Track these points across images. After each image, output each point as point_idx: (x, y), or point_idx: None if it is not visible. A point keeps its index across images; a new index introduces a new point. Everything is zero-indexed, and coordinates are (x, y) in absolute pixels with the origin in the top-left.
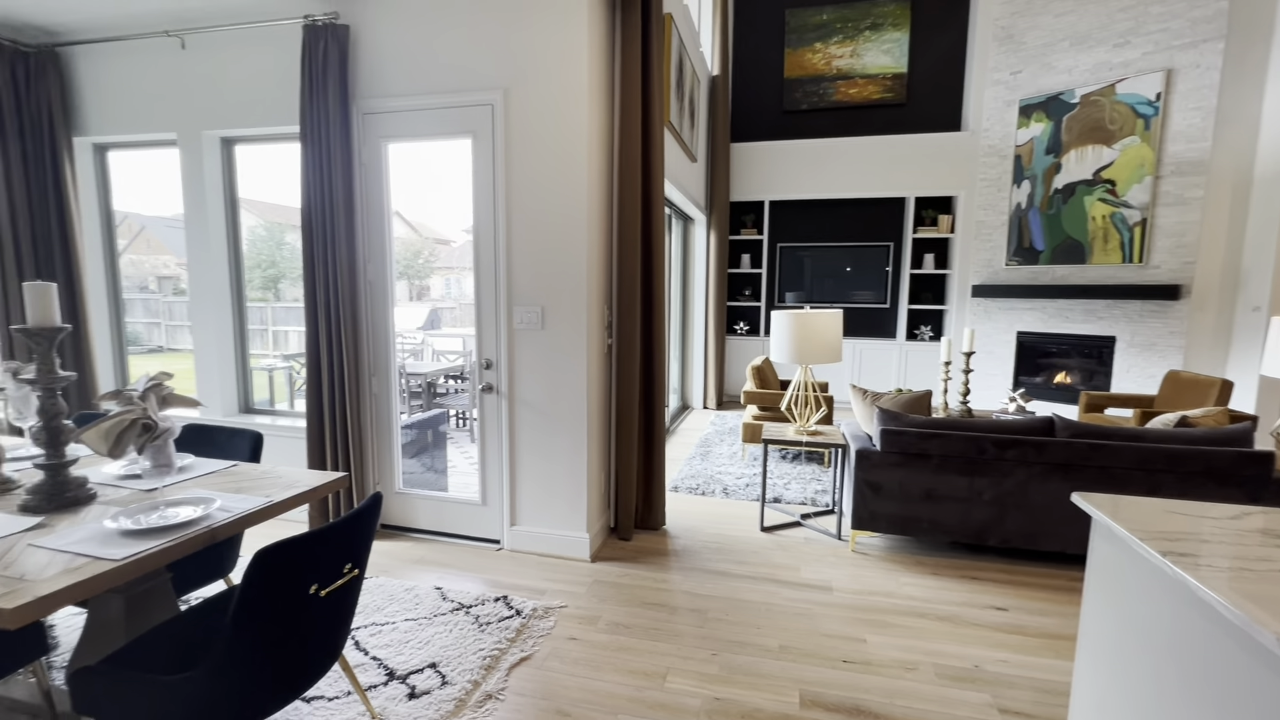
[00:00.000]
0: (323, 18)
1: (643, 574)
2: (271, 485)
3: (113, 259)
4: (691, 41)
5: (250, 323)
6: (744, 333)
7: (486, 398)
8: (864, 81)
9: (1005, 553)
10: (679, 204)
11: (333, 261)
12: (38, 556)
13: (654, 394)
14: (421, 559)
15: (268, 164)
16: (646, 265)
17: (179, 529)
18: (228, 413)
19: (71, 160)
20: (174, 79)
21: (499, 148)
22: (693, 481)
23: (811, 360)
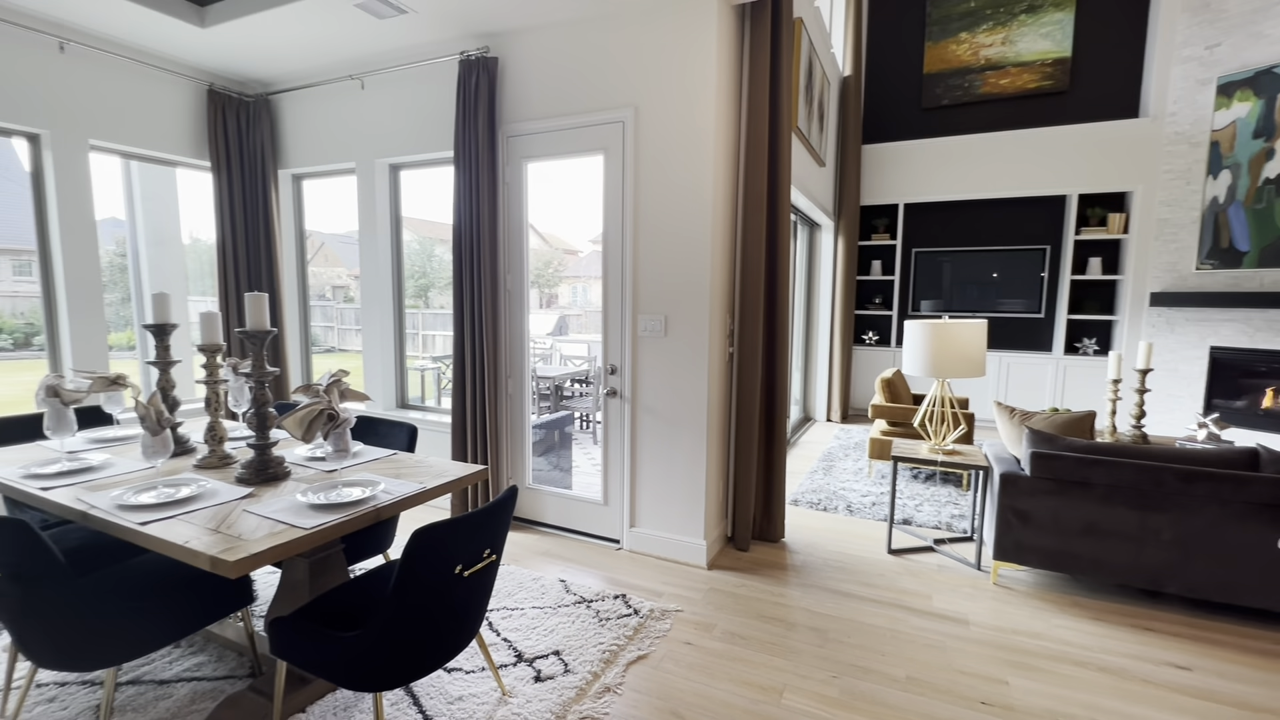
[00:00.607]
0: (475, 52)
1: (760, 586)
2: (424, 473)
3: (303, 272)
4: (822, 43)
5: (406, 328)
6: (873, 343)
7: (611, 402)
8: (1017, 70)
9: (1190, 603)
10: (805, 210)
11: (478, 273)
12: (249, 521)
13: (775, 404)
14: (547, 552)
15: (421, 185)
16: (771, 274)
17: (352, 506)
18: (388, 407)
19: (276, 189)
20: (354, 116)
21: (628, 162)
22: (814, 496)
23: (949, 374)
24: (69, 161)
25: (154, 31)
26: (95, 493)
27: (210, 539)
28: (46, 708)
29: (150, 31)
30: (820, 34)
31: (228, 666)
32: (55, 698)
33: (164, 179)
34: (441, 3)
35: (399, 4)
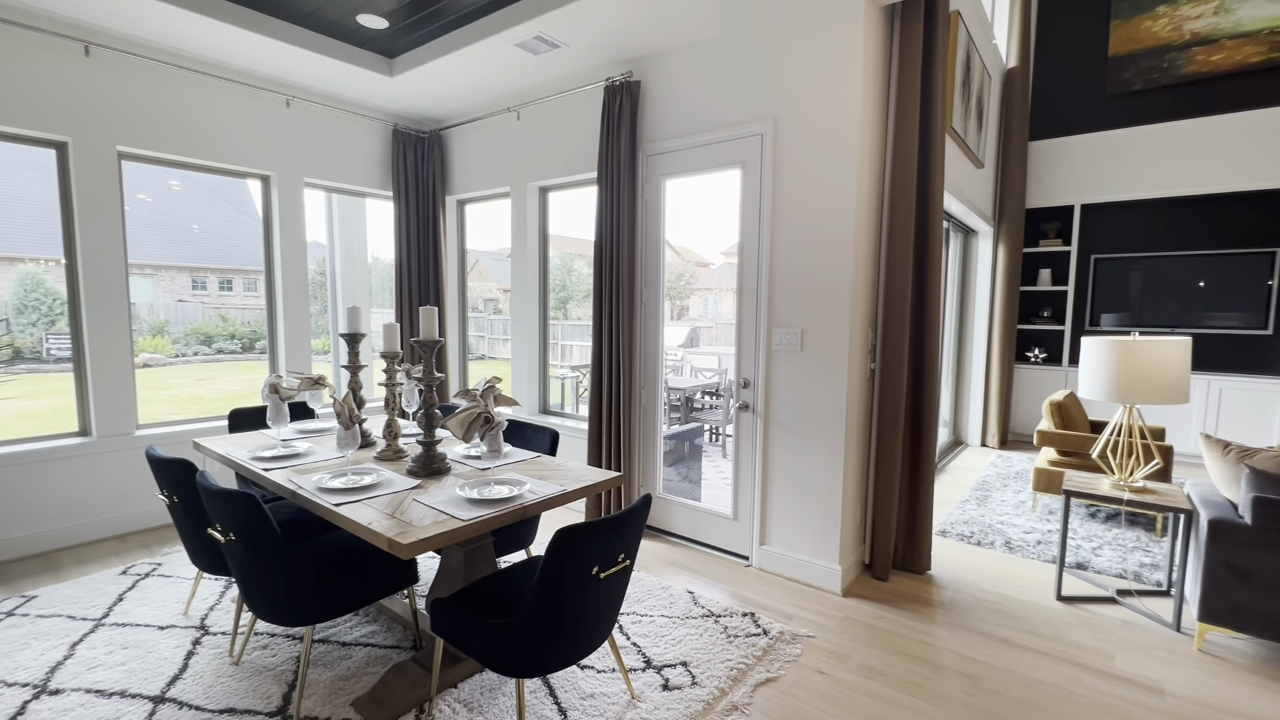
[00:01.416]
0: (620, 77)
1: (901, 620)
2: (564, 476)
3: (463, 287)
4: (982, 35)
5: (551, 338)
6: (1039, 361)
7: (742, 415)
8: (1236, 43)
9: None
10: (958, 216)
11: (616, 286)
12: (418, 509)
13: (922, 425)
14: (676, 562)
15: (563, 203)
16: (919, 285)
17: (502, 503)
18: (532, 412)
19: (444, 214)
20: (509, 144)
21: (766, 175)
22: (965, 528)
23: (1140, 399)
24: (289, 197)
25: (355, 84)
26: (302, 475)
27: (387, 523)
28: (261, 653)
29: (352, 84)
30: (980, 25)
31: (395, 637)
32: (267, 645)
33: (355, 207)
34: (591, 35)
35: (553, 40)
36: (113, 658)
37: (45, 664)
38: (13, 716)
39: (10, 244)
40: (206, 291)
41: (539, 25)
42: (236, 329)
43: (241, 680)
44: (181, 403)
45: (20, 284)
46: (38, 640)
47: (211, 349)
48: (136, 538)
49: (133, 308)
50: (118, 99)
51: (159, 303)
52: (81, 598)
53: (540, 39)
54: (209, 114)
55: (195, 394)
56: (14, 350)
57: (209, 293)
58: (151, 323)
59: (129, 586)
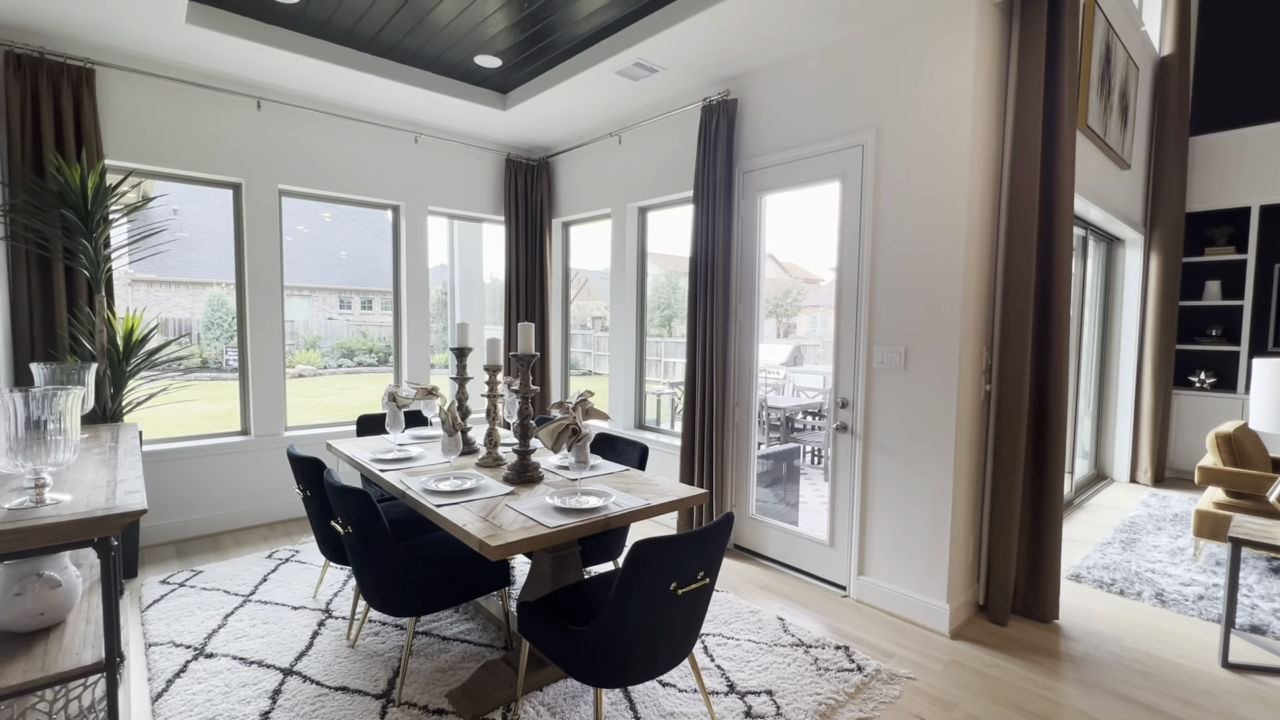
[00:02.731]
0: (716, 97)
1: (1019, 671)
2: (651, 491)
3: (565, 305)
4: (1126, 23)
5: (648, 355)
6: (1206, 386)
7: (840, 437)
8: None
9: None
10: (1098, 223)
11: (710, 303)
12: (509, 514)
13: (1048, 454)
14: (767, 586)
15: (669, 221)
16: (1044, 301)
17: (587, 513)
18: (627, 426)
19: (550, 235)
20: (611, 167)
21: (867, 186)
22: (1106, 574)
23: None
24: (414, 225)
25: (472, 119)
26: (412, 477)
27: (480, 525)
28: (373, 639)
29: (470, 119)
30: (1125, 11)
31: (489, 636)
32: (379, 633)
33: (473, 232)
34: (687, 58)
35: (651, 65)
36: (255, 630)
37: (204, 630)
38: (177, 672)
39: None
40: (351, 310)
41: (638, 53)
42: (374, 344)
43: (355, 662)
44: (326, 409)
45: (209, 304)
46: (201, 609)
47: (353, 361)
48: (281, 526)
49: (290, 325)
50: (280, 144)
51: (312, 320)
52: (235, 575)
53: (640, 65)
54: (349, 153)
55: (338, 401)
56: (202, 360)
57: (353, 311)
58: (306, 338)
59: (273, 569)
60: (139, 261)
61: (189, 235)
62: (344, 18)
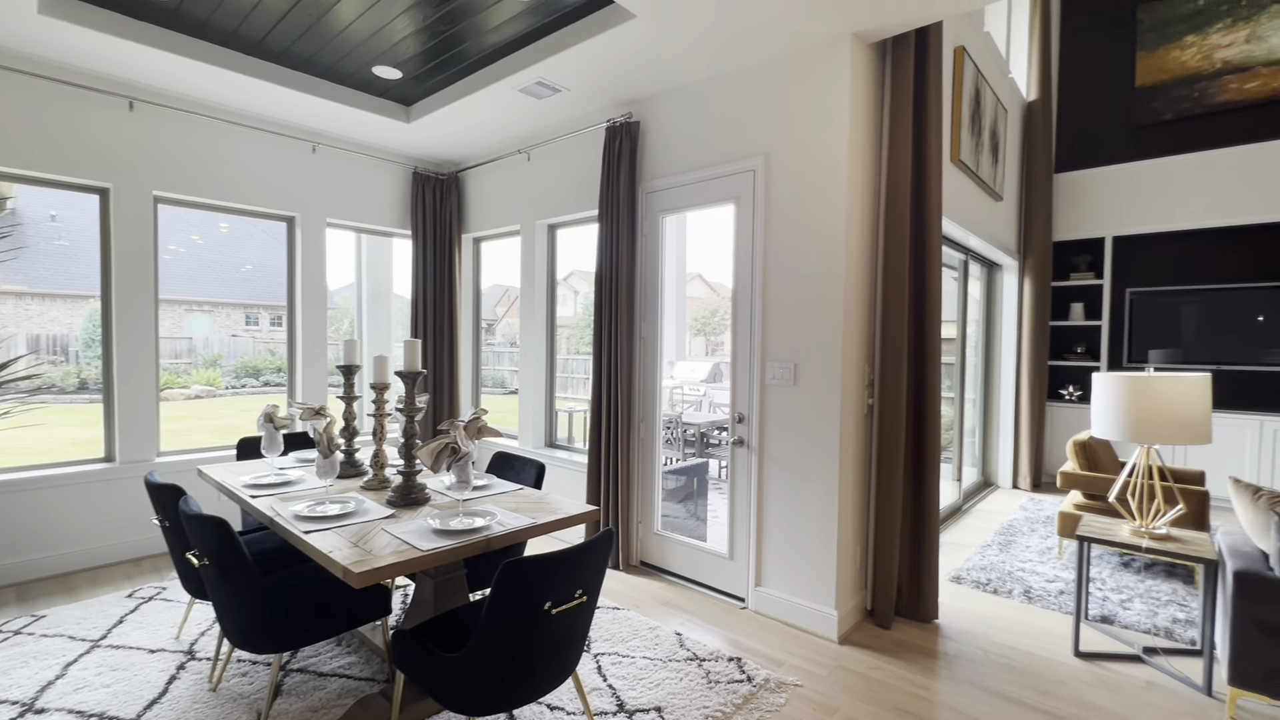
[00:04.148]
0: (620, 118)
1: (899, 672)
2: (542, 509)
3: (477, 321)
4: (995, 70)
5: (570, 372)
6: (1073, 399)
7: (738, 451)
8: (1271, 70)
9: None
10: (978, 250)
11: (615, 322)
12: (383, 539)
13: (925, 464)
14: (669, 601)
15: (589, 238)
16: (918, 319)
17: (466, 534)
18: (537, 445)
19: (460, 251)
20: (520, 184)
21: (759, 210)
22: (983, 575)
23: (1156, 439)
24: (312, 237)
25: (375, 130)
26: (286, 503)
27: (349, 552)
28: (239, 680)
29: (373, 130)
30: (992, 60)
31: (371, 669)
32: (247, 673)
33: (382, 247)
34: (589, 80)
35: (554, 84)
36: (100, 679)
37: (37, 683)
38: None
39: (84, 283)
40: (258, 327)
41: (539, 72)
42: (283, 363)
43: (215, 707)
44: (223, 432)
45: (89, 319)
46: (36, 659)
47: (259, 381)
48: (150, 561)
49: (188, 342)
50: (157, 148)
51: (214, 337)
52: (85, 619)
53: (542, 84)
54: (239, 160)
55: (238, 424)
56: (80, 380)
57: (260, 328)
58: (206, 356)
59: (131, 610)
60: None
61: (69, 244)
62: (225, 19)
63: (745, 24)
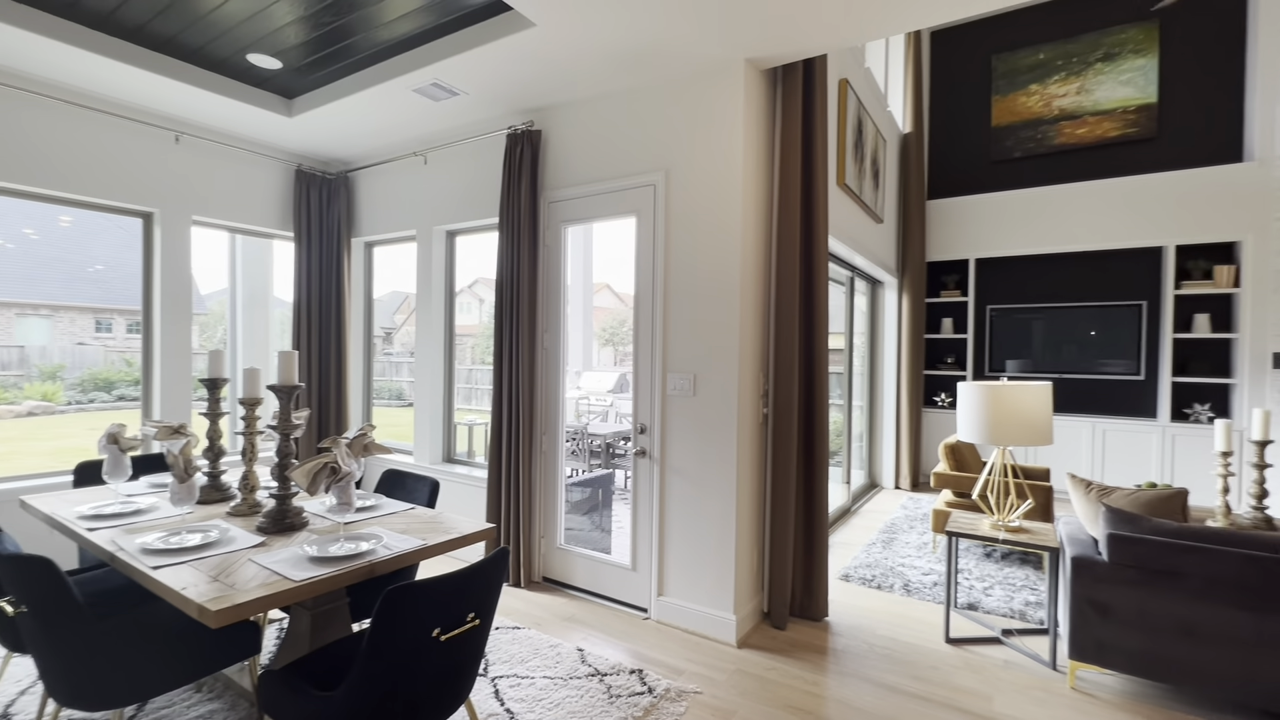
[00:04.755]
0: (521, 126)
1: (793, 671)
2: (433, 530)
3: (369, 331)
4: (875, 103)
5: (475, 383)
6: (945, 405)
7: (640, 462)
8: (1096, 119)
9: None
10: (862, 267)
11: (516, 332)
12: (250, 570)
13: (815, 469)
14: (572, 617)
15: (492, 245)
16: (807, 332)
17: (347, 560)
18: (434, 461)
19: (349, 256)
20: (416, 188)
21: (659, 224)
22: (868, 572)
23: (1009, 441)
24: (174, 235)
25: (251, 122)
26: (132, 535)
27: (207, 587)
28: None
29: (248, 123)
30: (872, 94)
31: (239, 715)
32: None
33: (261, 249)
34: (489, 85)
35: (451, 87)
36: None
37: None
38: None
39: None
40: (112, 334)
41: (435, 73)
42: (119, 374)
43: None
44: (62, 455)
45: None
46: None
47: (112, 395)
48: None
49: (20, 351)
50: None
51: (55, 346)
52: None
53: (439, 86)
54: (81, 147)
55: (84, 444)
56: None
57: (114, 335)
58: (43, 367)
59: None
60: None
61: None
62: None
63: (643, 43)
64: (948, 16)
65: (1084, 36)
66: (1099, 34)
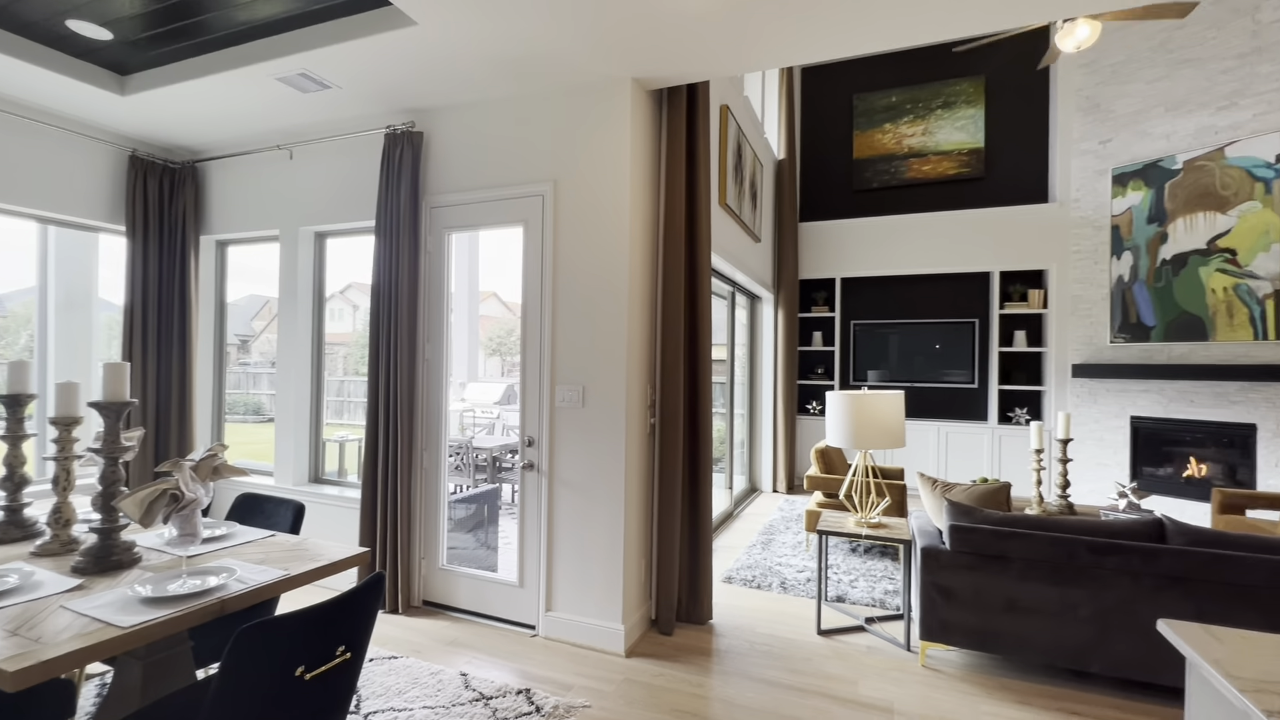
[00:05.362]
0: (401, 126)
1: (679, 675)
2: (297, 558)
3: (221, 339)
4: (753, 129)
5: (348, 395)
6: (816, 412)
7: (528, 475)
8: (938, 158)
9: (1117, 683)
10: (743, 283)
11: (395, 342)
12: (62, 619)
13: (699, 476)
14: (455, 640)
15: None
16: (692, 344)
17: (191, 599)
18: (298, 481)
19: (197, 255)
20: (280, 184)
21: (547, 234)
22: (749, 573)
23: (869, 445)
24: None
25: (71, 98)
26: None
27: (3, 644)
28: None
29: (67, 98)
30: (751, 121)
31: None
32: None
33: (84, 244)
34: (365, 81)
35: (322, 80)
36: None
37: None
38: None
39: None
40: None
41: (304, 62)
42: None
43: None
44: None
45: None
46: None
47: None
48: None
49: None
50: None
51: None
52: None
53: (307, 77)
54: None
55: None
56: None
57: None
58: None
59: None
60: None
61: None
62: None
63: (530, 52)
64: (810, 58)
65: (928, 85)
66: (940, 84)
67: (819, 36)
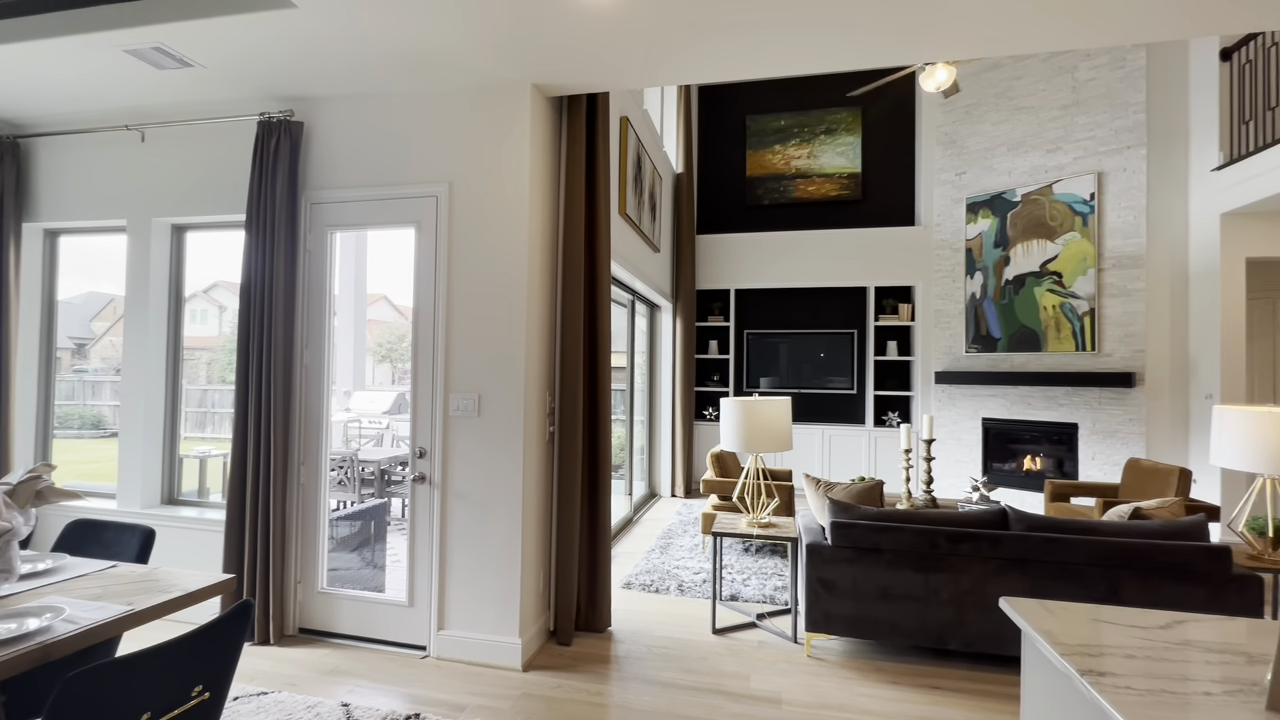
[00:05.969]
0: (278, 115)
1: (578, 685)
2: (144, 590)
3: (49, 342)
4: (653, 142)
5: (212, 405)
6: (712, 418)
7: (419, 488)
8: (821, 180)
9: (971, 657)
10: (642, 292)
11: (269, 348)
12: None
13: (599, 484)
14: (336, 669)
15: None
16: (591, 351)
17: (4, 645)
18: (148, 504)
19: (17, 244)
20: (130, 169)
21: (442, 238)
22: (648, 577)
23: (760, 449)
24: None
25: None
26: None
27: None
28: None
29: None
30: (650, 134)
31: None
32: None
33: None
34: (235, 62)
35: (182, 57)
36: None
37: None
38: None
39: None
40: None
41: (160, 35)
42: None
43: None
44: None
45: None
46: None
47: None
48: None
49: None
50: None
51: None
52: None
53: (163, 51)
54: None
55: None
56: None
57: None
58: None
59: None
60: None
61: None
62: None
63: (424, 48)
64: (703, 78)
65: (813, 111)
66: (823, 111)
67: (712, 58)
